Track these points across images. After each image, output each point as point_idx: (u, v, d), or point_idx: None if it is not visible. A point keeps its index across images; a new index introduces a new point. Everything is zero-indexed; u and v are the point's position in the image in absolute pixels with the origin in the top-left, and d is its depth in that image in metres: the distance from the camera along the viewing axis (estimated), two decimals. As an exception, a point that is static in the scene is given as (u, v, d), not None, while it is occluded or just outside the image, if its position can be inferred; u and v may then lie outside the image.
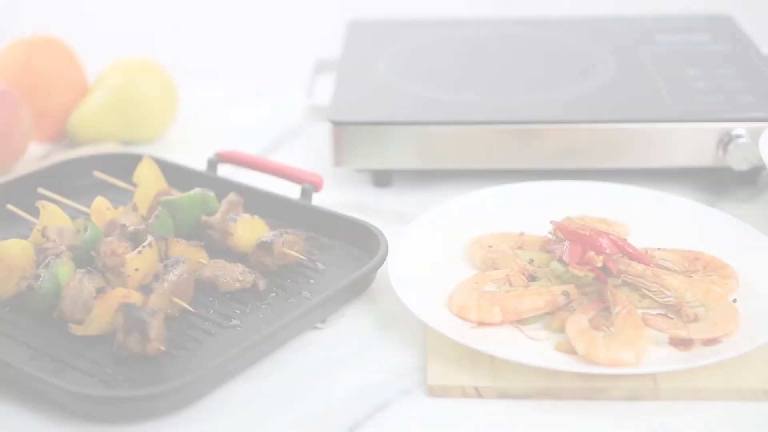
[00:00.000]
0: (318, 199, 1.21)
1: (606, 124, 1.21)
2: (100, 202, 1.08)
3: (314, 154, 1.34)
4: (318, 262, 1.07)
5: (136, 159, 1.16)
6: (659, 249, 1.03)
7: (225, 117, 1.48)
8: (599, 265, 0.97)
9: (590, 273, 0.97)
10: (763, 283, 0.98)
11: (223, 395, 0.90)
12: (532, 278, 1.00)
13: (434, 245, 1.07)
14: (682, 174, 1.26)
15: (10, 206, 1.12)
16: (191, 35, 2.44)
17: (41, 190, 1.14)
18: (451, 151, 1.23)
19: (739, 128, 1.18)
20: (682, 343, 0.91)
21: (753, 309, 0.95)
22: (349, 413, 0.88)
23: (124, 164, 1.20)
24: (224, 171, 1.28)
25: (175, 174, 1.21)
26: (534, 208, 1.11)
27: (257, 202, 1.16)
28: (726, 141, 1.19)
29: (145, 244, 0.98)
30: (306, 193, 1.14)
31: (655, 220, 1.10)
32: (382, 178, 1.27)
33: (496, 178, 1.24)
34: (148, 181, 1.12)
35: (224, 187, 1.17)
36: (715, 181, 1.25)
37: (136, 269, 0.97)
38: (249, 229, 1.06)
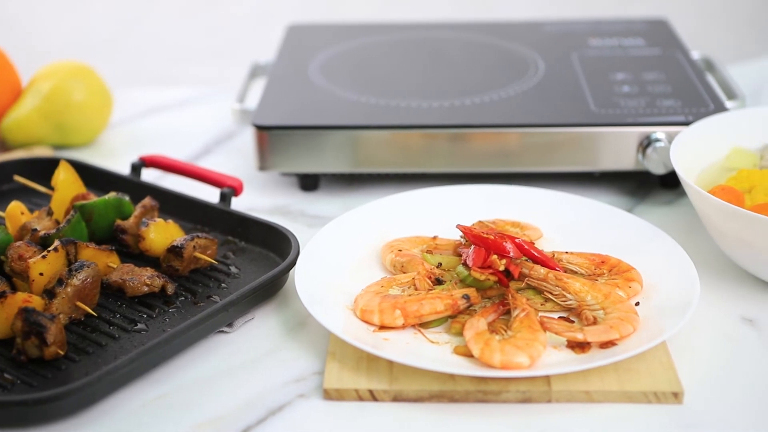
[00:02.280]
0: (244, 203, 1.22)
1: (528, 129, 1.21)
2: (14, 206, 1.08)
3: (244, 159, 1.35)
4: (232, 265, 1.08)
5: (57, 163, 1.17)
6: (567, 252, 1.03)
7: (160, 121, 1.49)
8: (501, 268, 0.98)
9: (492, 277, 0.97)
10: (667, 286, 0.99)
11: (122, 399, 0.90)
12: (438, 282, 1.00)
13: (348, 249, 1.07)
14: (609, 178, 1.27)
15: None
16: (128, 40, 2.43)
17: (-41, 195, 1.15)
18: (377, 155, 1.23)
19: (659, 132, 1.19)
20: (578, 346, 0.92)
21: (655, 312, 0.96)
22: (243, 418, 0.88)
23: (46, 169, 1.20)
24: (152, 175, 1.29)
25: (98, 178, 1.21)
26: (452, 212, 1.12)
27: (177, 206, 1.16)
28: (645, 145, 1.19)
29: (51, 248, 0.98)
30: (225, 198, 1.15)
31: (569, 224, 1.11)
32: (308, 182, 1.27)
33: (425, 182, 1.25)
34: (65, 185, 1.12)
35: (146, 191, 1.18)
36: (639, 185, 1.26)
37: (41, 273, 0.97)
38: (162, 234, 1.06)
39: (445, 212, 1.12)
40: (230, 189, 1.15)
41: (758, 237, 0.97)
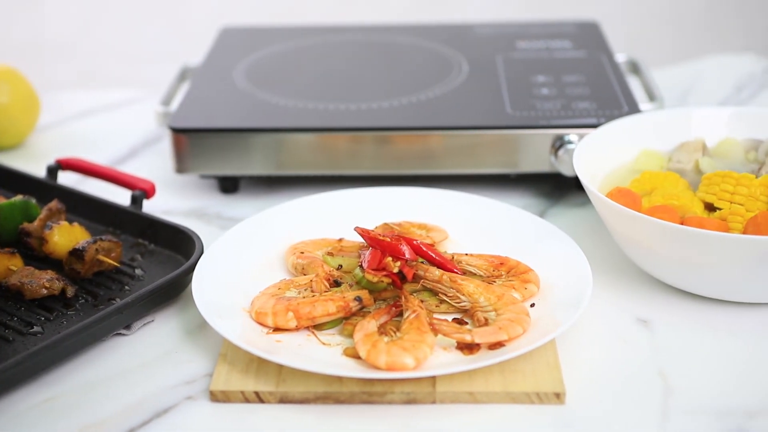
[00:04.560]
0: (161, 206, 1.22)
1: (444, 131, 1.22)
2: None
3: (168, 162, 1.35)
4: (138, 268, 1.08)
5: (-31, 167, 1.17)
6: (467, 254, 1.04)
7: (89, 124, 1.49)
8: (395, 270, 0.98)
9: (385, 279, 0.98)
10: (563, 287, 0.99)
11: (11, 401, 0.91)
12: (337, 284, 1.00)
13: (254, 251, 1.07)
14: (527, 180, 1.27)
15: None
16: (63, 44, 2.43)
17: None
18: (297, 158, 1.23)
19: (572, 134, 1.20)
20: (467, 348, 0.92)
21: (549, 313, 0.96)
22: (127, 420, 0.88)
23: (-41, 172, 1.21)
24: (72, 179, 1.29)
25: (13, 181, 1.22)
26: (362, 214, 1.12)
27: (89, 208, 1.17)
28: (557, 147, 1.20)
29: (-53, 251, 0.99)
30: (136, 200, 1.15)
31: (476, 226, 1.11)
32: (227, 185, 1.27)
33: (347, 184, 1.25)
34: (-27, 188, 1.13)
35: (60, 194, 1.18)
36: (555, 187, 1.27)
37: (-65, 277, 0.97)
38: (66, 236, 1.07)
39: (355, 214, 1.13)
40: (141, 192, 1.15)
41: (649, 238, 0.97)
